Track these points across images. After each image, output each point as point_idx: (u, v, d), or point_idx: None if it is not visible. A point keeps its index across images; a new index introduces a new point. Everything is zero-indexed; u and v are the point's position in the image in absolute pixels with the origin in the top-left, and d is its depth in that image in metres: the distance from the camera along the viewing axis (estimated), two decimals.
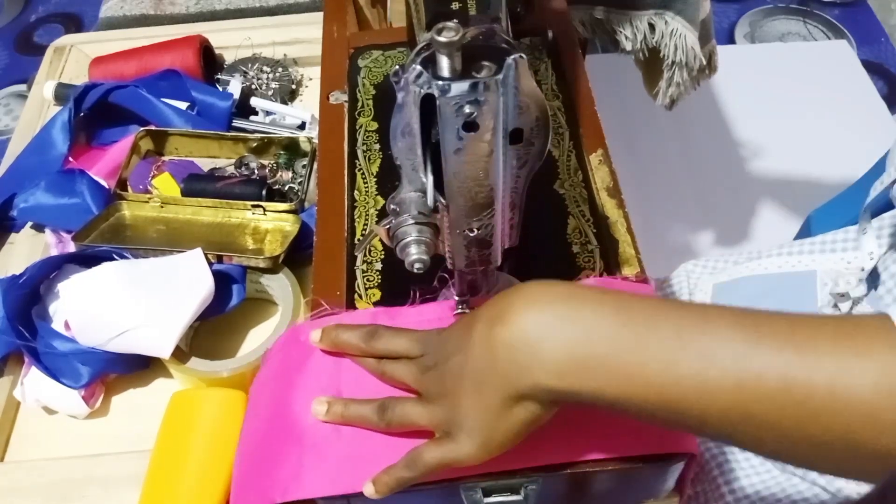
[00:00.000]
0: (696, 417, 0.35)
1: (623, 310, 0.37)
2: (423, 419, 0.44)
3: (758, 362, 0.34)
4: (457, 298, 0.50)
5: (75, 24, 1.95)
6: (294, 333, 0.53)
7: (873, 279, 0.63)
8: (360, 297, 0.55)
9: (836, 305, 0.65)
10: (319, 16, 0.78)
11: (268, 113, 0.90)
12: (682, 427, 0.37)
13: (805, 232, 0.89)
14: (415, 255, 0.43)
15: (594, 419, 0.46)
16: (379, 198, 0.61)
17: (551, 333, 0.37)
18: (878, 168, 0.79)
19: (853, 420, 0.32)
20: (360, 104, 0.68)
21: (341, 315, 0.53)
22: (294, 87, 0.95)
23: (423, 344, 0.46)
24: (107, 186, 0.78)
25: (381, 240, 0.47)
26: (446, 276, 0.53)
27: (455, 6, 0.45)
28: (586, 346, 0.36)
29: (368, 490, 0.44)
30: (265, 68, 0.94)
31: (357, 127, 0.66)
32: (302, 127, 0.88)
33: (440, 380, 0.43)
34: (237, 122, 0.88)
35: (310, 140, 0.80)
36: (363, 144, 0.65)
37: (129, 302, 0.64)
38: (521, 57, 0.36)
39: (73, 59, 1.00)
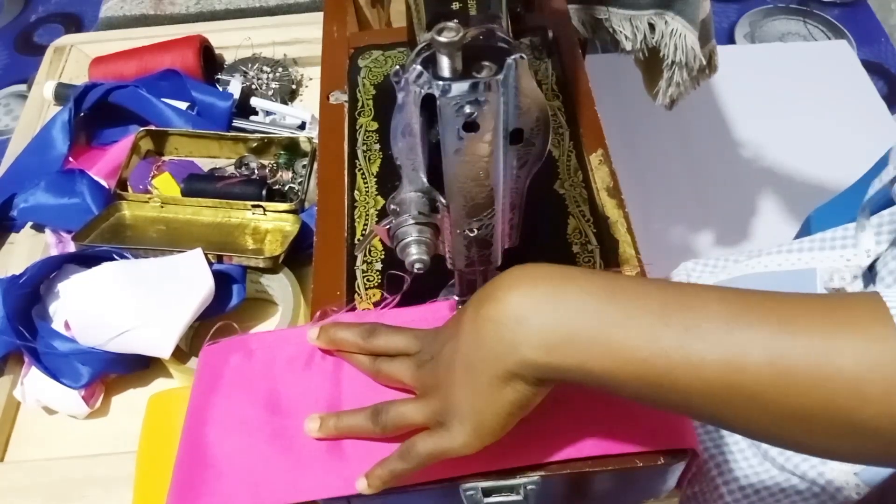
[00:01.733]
0: (681, 392, 0.35)
1: (609, 287, 0.37)
2: (419, 416, 0.43)
3: (742, 336, 0.33)
4: (457, 298, 0.50)
5: (75, 24, 1.95)
6: (203, 355, 0.52)
7: (871, 276, 0.63)
8: (360, 297, 0.55)
9: None
10: (319, 16, 0.78)
11: (268, 113, 0.90)
12: (670, 405, 0.37)
13: (805, 232, 0.88)
14: (415, 255, 0.43)
15: (593, 416, 0.46)
16: (379, 198, 0.61)
17: (538, 309, 0.37)
18: (879, 167, 0.79)
19: (838, 392, 0.32)
20: (360, 104, 0.68)
21: (247, 337, 0.53)
22: (294, 87, 0.95)
23: (421, 340, 0.45)
24: (107, 186, 0.78)
25: (381, 240, 0.47)
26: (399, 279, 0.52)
27: (455, 6, 0.45)
28: (573, 322, 0.36)
29: (361, 485, 0.43)
30: (265, 68, 0.94)
31: (357, 127, 0.66)
32: (302, 127, 0.88)
33: (434, 371, 0.42)
34: (237, 122, 0.88)
35: (310, 140, 0.80)
36: (363, 144, 0.65)
37: (129, 302, 0.64)
38: (521, 57, 0.36)
39: (73, 59, 1.00)
